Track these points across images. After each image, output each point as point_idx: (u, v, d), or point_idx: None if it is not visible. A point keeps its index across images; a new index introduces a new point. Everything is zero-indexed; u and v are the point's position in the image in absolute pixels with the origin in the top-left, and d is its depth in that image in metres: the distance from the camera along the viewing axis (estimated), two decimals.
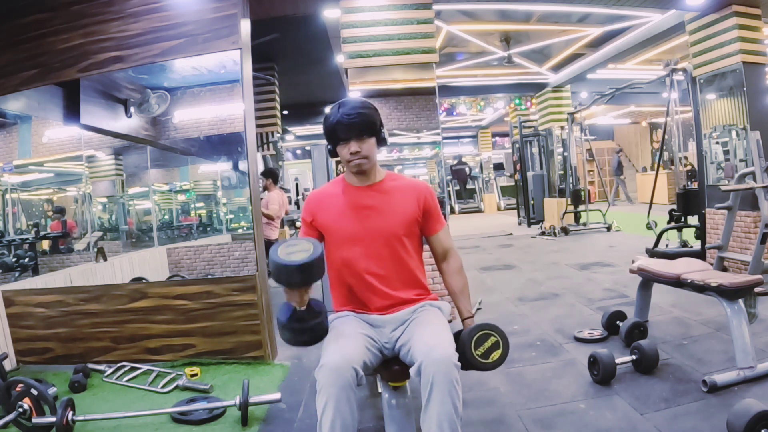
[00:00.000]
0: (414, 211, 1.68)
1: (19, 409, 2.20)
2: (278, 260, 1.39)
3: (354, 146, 1.60)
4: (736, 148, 4.62)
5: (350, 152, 1.61)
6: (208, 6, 3.08)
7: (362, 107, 1.61)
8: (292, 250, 1.41)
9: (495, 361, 1.56)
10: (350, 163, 1.63)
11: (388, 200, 1.67)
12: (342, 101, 1.64)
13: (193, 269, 5.07)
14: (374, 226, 1.64)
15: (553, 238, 7.81)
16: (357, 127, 1.59)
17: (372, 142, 1.63)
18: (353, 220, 1.65)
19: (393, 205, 1.67)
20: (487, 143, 17.11)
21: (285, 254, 1.40)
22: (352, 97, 1.66)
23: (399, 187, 1.71)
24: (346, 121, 1.58)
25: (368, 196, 1.67)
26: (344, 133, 1.60)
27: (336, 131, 1.61)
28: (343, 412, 1.36)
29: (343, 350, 1.44)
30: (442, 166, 5.15)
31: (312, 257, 1.38)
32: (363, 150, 1.61)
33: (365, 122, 1.60)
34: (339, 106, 1.61)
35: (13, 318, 3.29)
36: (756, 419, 1.69)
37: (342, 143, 1.62)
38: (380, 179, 1.71)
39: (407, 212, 1.67)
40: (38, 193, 5.08)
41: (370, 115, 1.61)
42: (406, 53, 3.80)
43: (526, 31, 7.51)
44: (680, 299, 3.58)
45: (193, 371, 2.85)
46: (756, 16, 4.46)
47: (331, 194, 1.72)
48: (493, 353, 1.56)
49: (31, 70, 3.27)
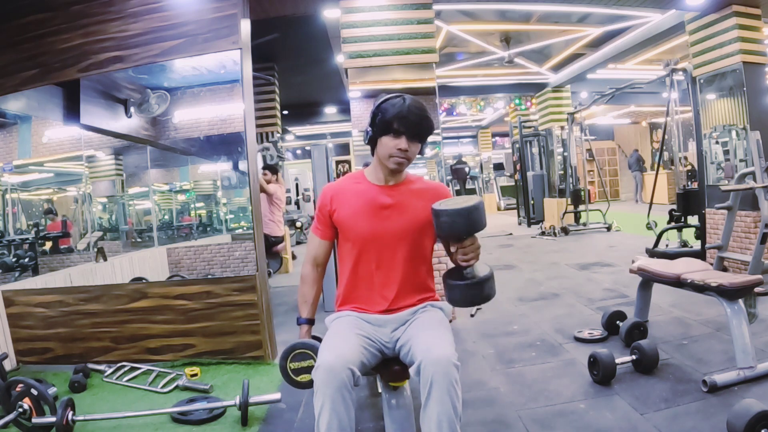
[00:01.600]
0: (430, 213, 1.67)
1: (19, 409, 2.20)
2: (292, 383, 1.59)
3: (405, 144, 1.57)
4: (736, 148, 4.62)
5: (399, 148, 1.57)
6: (208, 6, 3.08)
7: (426, 111, 1.60)
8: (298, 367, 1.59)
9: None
10: (392, 158, 1.59)
11: (408, 201, 1.65)
12: (403, 95, 1.60)
13: (193, 269, 5.07)
14: (392, 227, 1.63)
15: (553, 238, 7.81)
16: (418, 127, 1.57)
17: (418, 148, 1.62)
18: (371, 218, 1.63)
19: (412, 206, 1.65)
20: (487, 143, 17.11)
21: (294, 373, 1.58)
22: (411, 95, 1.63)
23: (418, 188, 1.69)
24: (414, 118, 1.56)
25: (390, 196, 1.65)
26: (404, 127, 1.56)
27: (393, 122, 1.56)
28: (339, 413, 1.36)
29: (338, 351, 1.44)
30: (442, 166, 5.14)
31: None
32: (411, 152, 1.59)
33: (426, 126, 1.59)
34: (404, 99, 1.58)
35: (13, 318, 3.29)
36: (756, 419, 1.69)
37: (393, 135, 1.57)
38: (402, 180, 1.69)
39: (424, 214, 1.65)
40: (38, 193, 5.08)
41: (431, 122, 1.61)
42: (406, 53, 3.80)
43: (526, 31, 7.51)
44: (680, 299, 3.58)
45: (193, 371, 2.85)
46: (756, 16, 4.46)
47: (349, 189, 1.68)
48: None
49: (31, 70, 3.27)
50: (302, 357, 1.59)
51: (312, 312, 1.73)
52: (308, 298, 1.72)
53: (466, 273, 1.53)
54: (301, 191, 12.52)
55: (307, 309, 1.72)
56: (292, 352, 1.60)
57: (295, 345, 1.61)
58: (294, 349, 1.60)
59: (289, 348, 1.61)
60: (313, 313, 1.74)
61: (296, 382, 1.60)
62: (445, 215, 1.47)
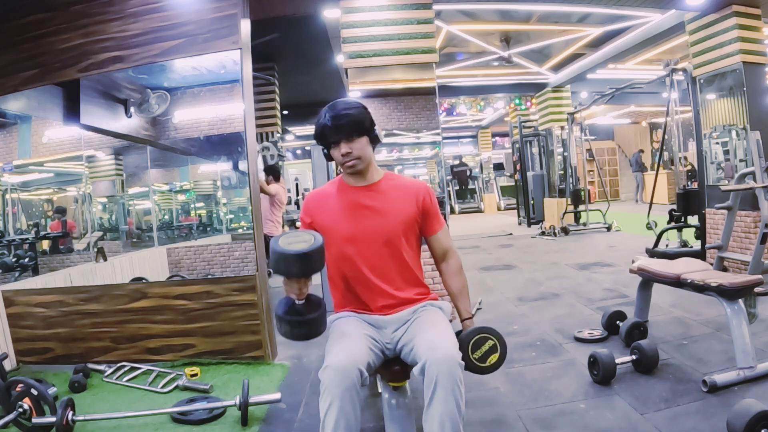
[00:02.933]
0: (413, 210, 1.68)
1: (19, 409, 2.20)
2: (278, 249, 1.41)
3: (344, 147, 1.60)
4: (736, 148, 4.62)
5: (341, 154, 1.61)
6: (208, 6, 3.08)
7: (348, 108, 1.61)
8: (293, 240, 1.44)
9: (492, 364, 1.57)
10: (344, 164, 1.63)
11: (387, 200, 1.67)
12: (330, 104, 1.63)
13: (193, 269, 5.07)
14: (373, 226, 1.64)
15: (553, 238, 7.81)
16: (344, 128, 1.59)
17: (363, 142, 1.63)
18: (352, 220, 1.65)
19: (391, 204, 1.67)
20: (487, 143, 17.10)
21: (286, 244, 1.43)
22: (340, 99, 1.66)
23: (397, 186, 1.71)
24: (332, 124, 1.59)
25: (366, 196, 1.67)
26: (333, 136, 1.60)
27: (325, 135, 1.62)
28: (347, 413, 1.36)
29: (348, 351, 1.44)
30: (442, 166, 5.14)
31: (312, 247, 1.41)
32: (354, 150, 1.61)
33: (352, 122, 1.60)
34: (327, 110, 1.62)
35: (13, 318, 3.29)
36: (756, 419, 1.69)
37: (333, 146, 1.63)
38: (378, 179, 1.71)
39: (406, 212, 1.67)
40: (38, 193, 5.08)
41: (356, 115, 1.61)
42: (406, 53, 3.80)
43: (526, 31, 7.51)
44: (680, 299, 3.58)
45: (193, 371, 2.85)
46: (756, 16, 4.46)
47: (329, 194, 1.72)
48: (490, 356, 1.56)
49: (31, 70, 3.27)
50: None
51: None
52: None
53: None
54: (301, 191, 12.52)
55: None
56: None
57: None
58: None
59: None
60: None
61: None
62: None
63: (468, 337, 1.56)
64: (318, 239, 1.44)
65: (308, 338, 1.52)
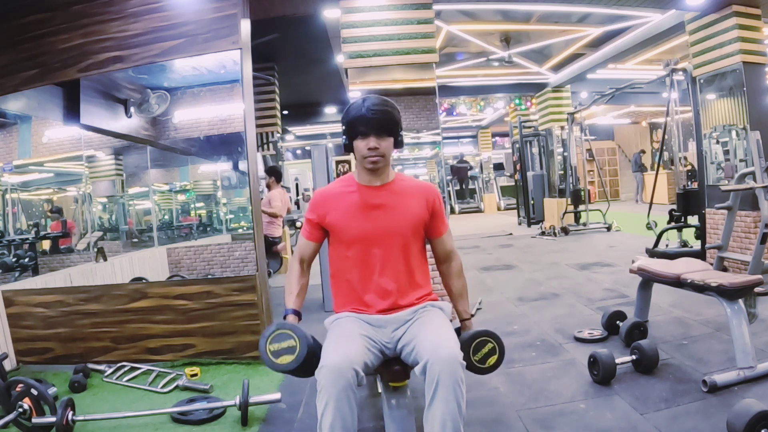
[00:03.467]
0: (422, 212, 1.68)
1: (19, 409, 2.20)
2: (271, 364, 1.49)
3: (373, 142, 1.58)
4: (736, 148, 4.62)
5: (368, 147, 1.59)
6: (208, 6, 3.08)
7: (387, 105, 1.60)
8: (278, 348, 1.49)
9: (492, 365, 1.61)
10: (366, 158, 1.61)
11: (398, 201, 1.66)
12: (366, 96, 1.62)
13: (193, 269, 5.07)
14: (383, 227, 1.64)
15: (553, 238, 7.81)
16: (380, 123, 1.58)
17: (390, 142, 1.62)
18: (362, 219, 1.64)
19: (402, 205, 1.66)
20: (487, 143, 17.11)
21: (273, 355, 1.49)
22: (376, 95, 1.64)
23: (408, 187, 1.70)
24: (369, 116, 1.57)
25: (378, 195, 1.66)
26: (365, 127, 1.58)
27: (357, 124, 1.58)
28: (343, 413, 1.36)
29: (343, 351, 1.44)
30: (442, 166, 5.14)
31: (299, 360, 1.46)
32: (381, 148, 1.60)
33: (388, 120, 1.59)
34: (363, 100, 1.60)
35: (13, 318, 3.29)
36: (756, 419, 1.69)
37: (361, 137, 1.59)
38: (390, 180, 1.70)
39: (416, 213, 1.67)
40: (38, 193, 5.09)
41: (393, 114, 1.61)
42: (406, 53, 3.80)
43: (526, 31, 7.51)
44: (680, 299, 3.58)
45: (193, 371, 2.85)
46: (756, 16, 4.46)
47: (339, 193, 1.70)
48: (490, 358, 1.60)
49: (31, 70, 3.27)
50: (282, 338, 1.51)
51: (298, 304, 1.70)
52: (293, 289, 1.71)
53: None
54: (301, 191, 12.52)
55: (292, 300, 1.69)
56: (272, 334, 1.52)
57: (275, 326, 1.55)
58: (274, 330, 1.53)
59: (269, 329, 1.54)
60: (299, 305, 1.70)
61: (275, 364, 1.52)
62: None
63: (470, 340, 1.59)
64: (303, 345, 1.47)
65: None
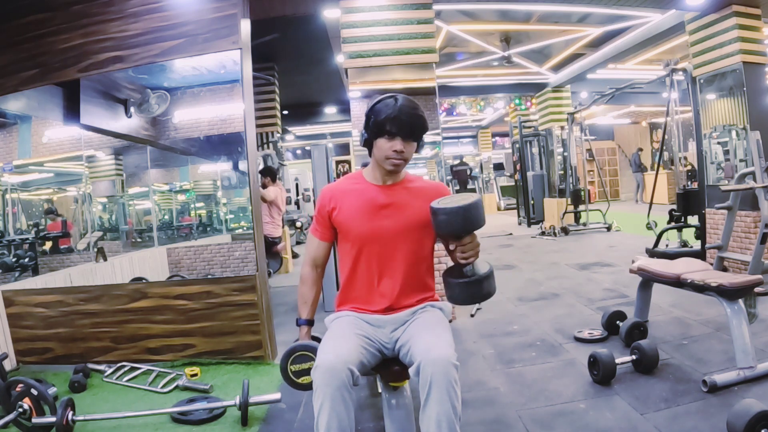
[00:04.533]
0: None
1: (19, 409, 2.20)
2: (293, 384, 1.59)
3: (400, 145, 1.57)
4: (736, 148, 4.62)
5: (395, 150, 1.57)
6: (208, 6, 3.08)
7: (419, 109, 1.59)
8: (299, 369, 1.60)
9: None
10: (388, 159, 1.59)
11: (408, 201, 1.65)
12: (396, 95, 1.60)
13: (193, 269, 5.08)
14: (392, 226, 1.63)
15: (553, 238, 7.81)
16: (411, 128, 1.57)
17: (414, 146, 1.62)
18: (371, 218, 1.63)
19: (412, 205, 1.65)
20: (487, 143, 17.11)
21: (295, 375, 1.59)
22: (405, 95, 1.63)
23: (418, 188, 1.69)
24: (405, 119, 1.55)
25: (388, 195, 1.65)
26: (396, 129, 1.55)
27: (386, 123, 1.56)
28: (339, 412, 1.37)
29: (338, 350, 1.44)
30: (442, 166, 5.14)
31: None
32: (406, 152, 1.59)
33: (420, 127, 1.59)
34: (395, 100, 1.58)
35: (13, 318, 3.29)
36: (756, 419, 1.69)
37: (387, 137, 1.57)
38: (401, 179, 1.69)
39: (424, 213, 1.64)
40: (38, 193, 5.08)
41: (425, 122, 1.60)
42: (406, 53, 3.80)
43: (526, 31, 7.51)
44: (680, 299, 3.58)
45: (193, 371, 2.85)
46: (756, 16, 4.46)
47: (348, 190, 1.68)
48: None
49: (31, 70, 3.27)
50: (303, 359, 1.59)
51: (311, 313, 1.73)
52: (307, 298, 1.72)
53: (465, 271, 1.53)
54: (301, 191, 12.52)
55: (306, 310, 1.72)
56: (292, 355, 1.60)
57: (295, 347, 1.61)
58: (294, 351, 1.60)
59: (290, 350, 1.61)
60: (313, 313, 1.74)
61: (297, 384, 1.61)
62: (443, 213, 1.47)
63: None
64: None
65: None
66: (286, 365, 1.60)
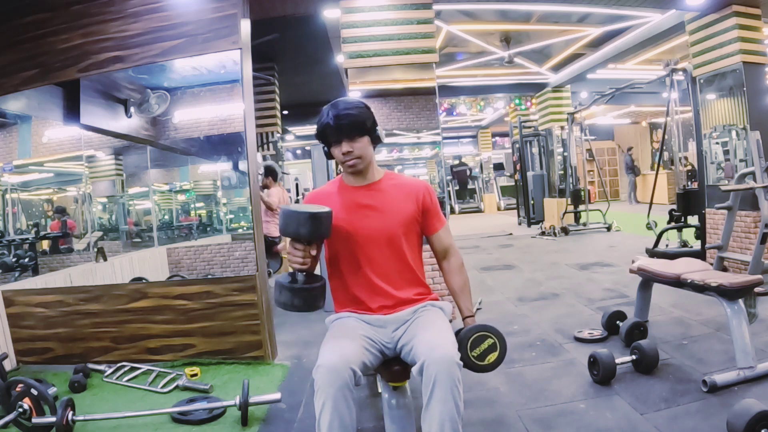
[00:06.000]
0: (413, 209, 1.68)
1: (19, 409, 2.20)
2: (290, 210, 1.50)
3: (345, 147, 1.60)
4: (736, 148, 4.62)
5: (342, 153, 1.61)
6: (208, 6, 3.08)
7: (350, 107, 1.61)
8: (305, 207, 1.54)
9: (491, 363, 1.54)
10: (344, 163, 1.63)
11: (387, 199, 1.67)
12: (333, 102, 1.63)
13: (193, 269, 5.07)
14: (373, 226, 1.65)
15: (553, 238, 7.81)
16: (346, 128, 1.59)
17: (365, 141, 1.63)
18: (352, 219, 1.65)
19: (391, 204, 1.67)
20: (487, 143, 17.10)
21: (297, 207, 1.52)
22: (343, 98, 1.67)
23: (397, 185, 1.71)
24: (334, 123, 1.59)
25: (366, 195, 1.68)
26: (334, 135, 1.60)
27: (327, 134, 1.62)
28: (341, 413, 1.37)
29: (340, 351, 1.44)
30: (442, 166, 5.15)
31: (322, 211, 1.51)
32: (355, 150, 1.61)
33: (354, 122, 1.60)
34: (329, 108, 1.62)
35: (13, 318, 3.29)
36: (756, 419, 1.69)
37: (335, 144, 1.63)
38: (378, 178, 1.71)
39: (406, 211, 1.67)
40: (38, 193, 5.08)
41: (358, 115, 1.61)
42: (406, 53, 3.80)
43: (526, 31, 7.51)
44: (680, 299, 3.58)
45: (193, 371, 2.85)
46: (756, 16, 4.46)
47: (329, 194, 1.72)
48: (489, 355, 1.54)
49: (31, 70, 3.27)
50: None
51: None
52: None
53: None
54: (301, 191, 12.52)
55: None
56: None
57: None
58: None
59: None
60: None
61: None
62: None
63: (467, 335, 1.55)
64: (327, 209, 1.54)
65: (307, 309, 1.54)
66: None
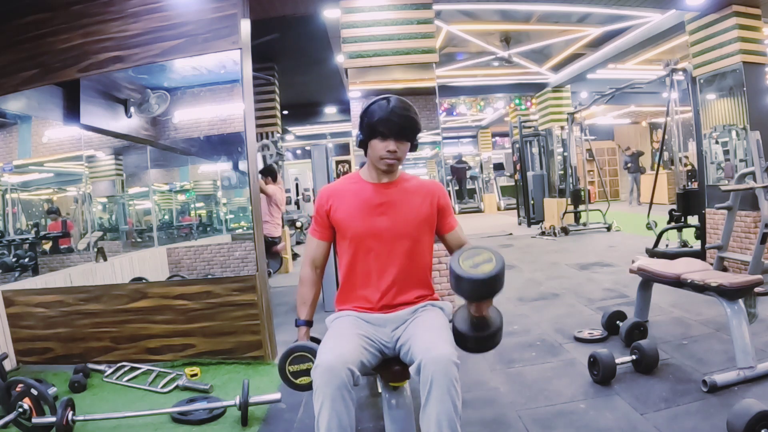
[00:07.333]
0: (427, 210, 1.68)
1: (19, 409, 2.20)
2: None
3: (392, 145, 1.59)
4: (736, 148, 4.62)
5: (388, 150, 1.59)
6: (208, 6, 3.08)
7: (411, 110, 1.61)
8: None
9: (486, 273, 1.36)
10: (382, 160, 1.61)
11: (403, 199, 1.67)
12: (389, 96, 1.61)
13: (193, 269, 5.08)
14: (388, 225, 1.64)
15: (553, 238, 7.81)
16: (403, 128, 1.59)
17: (407, 146, 1.64)
18: (368, 217, 1.64)
19: (407, 204, 1.67)
20: (487, 143, 17.10)
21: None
22: (397, 96, 1.64)
23: (413, 186, 1.70)
24: (398, 120, 1.57)
25: (384, 194, 1.67)
26: (388, 130, 1.58)
27: (378, 125, 1.58)
28: (339, 412, 1.37)
29: (338, 350, 1.44)
30: (442, 166, 5.15)
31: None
32: (399, 152, 1.61)
33: (413, 128, 1.61)
34: (388, 101, 1.59)
35: (13, 318, 3.29)
36: (756, 419, 1.69)
37: (380, 138, 1.59)
38: (396, 178, 1.71)
39: (421, 212, 1.67)
40: (38, 193, 5.08)
41: (417, 120, 1.62)
42: (406, 53, 3.81)
43: (526, 31, 7.51)
44: (680, 299, 3.58)
45: (193, 371, 2.85)
46: (756, 16, 4.46)
47: (345, 190, 1.70)
48: (483, 265, 1.38)
49: (31, 70, 3.27)
50: (301, 360, 1.59)
51: (310, 314, 1.73)
52: (307, 299, 1.72)
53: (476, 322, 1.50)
54: (301, 191, 12.53)
55: (305, 311, 1.72)
56: (291, 355, 1.60)
57: (294, 348, 1.61)
58: (293, 352, 1.60)
59: (288, 351, 1.61)
60: (312, 314, 1.74)
61: (295, 384, 1.61)
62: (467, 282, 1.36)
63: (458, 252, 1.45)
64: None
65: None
66: (284, 366, 1.60)
